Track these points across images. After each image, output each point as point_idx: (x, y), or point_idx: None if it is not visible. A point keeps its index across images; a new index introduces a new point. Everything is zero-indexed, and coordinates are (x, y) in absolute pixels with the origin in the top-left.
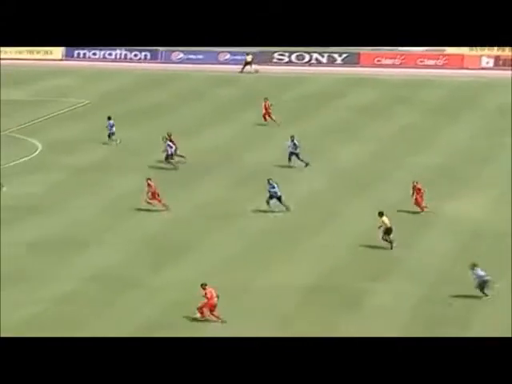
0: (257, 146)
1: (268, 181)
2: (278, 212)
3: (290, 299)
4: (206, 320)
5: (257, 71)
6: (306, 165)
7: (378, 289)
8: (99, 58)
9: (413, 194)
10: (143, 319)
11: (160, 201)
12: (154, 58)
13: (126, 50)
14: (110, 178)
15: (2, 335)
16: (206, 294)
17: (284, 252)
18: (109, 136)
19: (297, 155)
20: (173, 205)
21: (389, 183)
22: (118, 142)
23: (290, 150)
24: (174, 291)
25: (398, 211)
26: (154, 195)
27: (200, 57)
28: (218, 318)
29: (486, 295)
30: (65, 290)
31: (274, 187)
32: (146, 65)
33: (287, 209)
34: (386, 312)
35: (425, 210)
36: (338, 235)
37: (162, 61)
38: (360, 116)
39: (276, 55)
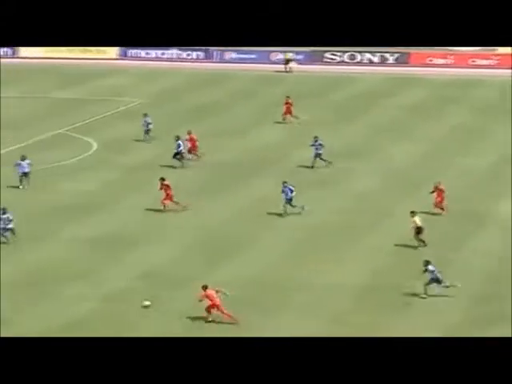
0: (307, 144)
1: (283, 184)
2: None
3: (342, 298)
4: (242, 320)
5: (291, 70)
6: (329, 163)
7: (428, 289)
8: (153, 57)
9: (434, 192)
10: (194, 318)
11: (172, 201)
12: (207, 57)
13: (179, 49)
14: (164, 175)
15: (54, 333)
16: (206, 296)
17: (336, 251)
18: (146, 132)
19: (319, 155)
20: (226, 203)
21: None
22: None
23: (316, 150)
24: (228, 288)
25: (450, 211)
26: (168, 197)
27: (252, 56)
28: (229, 316)
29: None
30: (116, 288)
31: (287, 190)
32: (199, 64)
33: (301, 210)
34: (436, 312)
35: (444, 211)
36: (390, 235)
37: (215, 60)
38: (411, 115)
39: (327, 55)
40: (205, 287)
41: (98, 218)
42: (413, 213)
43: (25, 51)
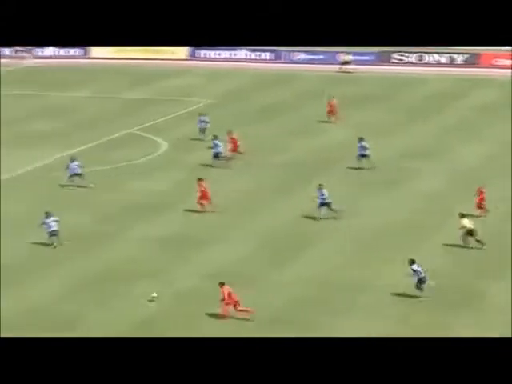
0: (374, 144)
1: (319, 187)
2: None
3: (407, 298)
4: (317, 319)
5: (348, 71)
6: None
7: (496, 288)
8: (222, 58)
9: (476, 195)
10: (262, 317)
11: (209, 202)
12: (275, 58)
13: (248, 50)
14: (229, 175)
15: (124, 333)
16: (222, 293)
17: (402, 251)
18: (201, 131)
19: (365, 156)
20: (291, 203)
21: (508, 183)
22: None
23: (361, 151)
24: (293, 288)
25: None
26: (204, 196)
27: (320, 57)
28: (246, 311)
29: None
30: (184, 286)
31: (323, 194)
32: (268, 65)
33: (337, 214)
34: (504, 311)
35: (484, 213)
36: (455, 235)
37: (284, 61)
38: (481, 116)
39: (395, 55)
40: (221, 284)
41: (168, 218)
42: (462, 215)
43: (96, 51)
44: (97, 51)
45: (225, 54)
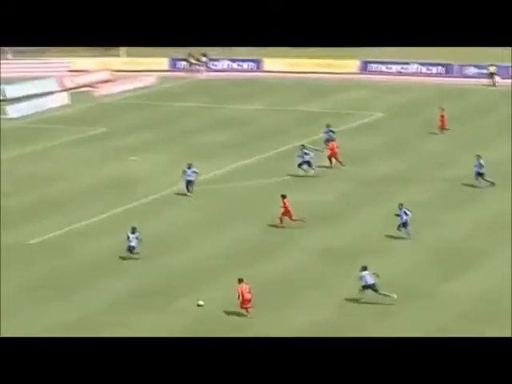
0: None
1: (399, 206)
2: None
3: None
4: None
5: (495, 84)
6: (491, 184)
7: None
8: (393, 71)
9: None
10: (429, 327)
11: (290, 218)
12: (446, 72)
13: (419, 64)
14: (396, 188)
15: (302, 333)
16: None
17: None
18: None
19: (482, 175)
20: (462, 215)
21: None
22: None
23: (477, 169)
24: (459, 301)
25: None
26: (286, 212)
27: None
28: (246, 310)
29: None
30: (348, 297)
31: (402, 213)
32: (440, 79)
33: (409, 236)
34: None
35: None
36: None
37: (455, 75)
38: None
39: None
40: (240, 280)
41: (333, 229)
42: None
43: (268, 65)
44: (269, 65)
45: (396, 67)
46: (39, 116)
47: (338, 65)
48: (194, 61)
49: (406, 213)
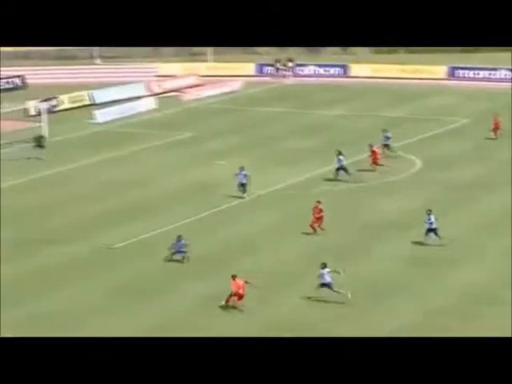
0: None
1: (427, 213)
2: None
3: None
4: None
5: None
6: None
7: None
8: (482, 77)
9: None
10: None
11: (319, 226)
12: None
13: (507, 70)
14: (481, 194)
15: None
16: (234, 285)
17: None
18: (385, 146)
19: None
20: None
21: None
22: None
23: None
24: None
25: None
26: (317, 219)
27: None
28: (237, 306)
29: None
30: (436, 304)
31: (429, 219)
32: None
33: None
34: None
35: None
36: None
37: None
38: None
39: None
40: (234, 276)
41: (420, 236)
42: None
43: (355, 70)
44: (356, 70)
45: (483, 73)
46: (127, 120)
47: (424, 70)
48: (280, 66)
49: (430, 220)
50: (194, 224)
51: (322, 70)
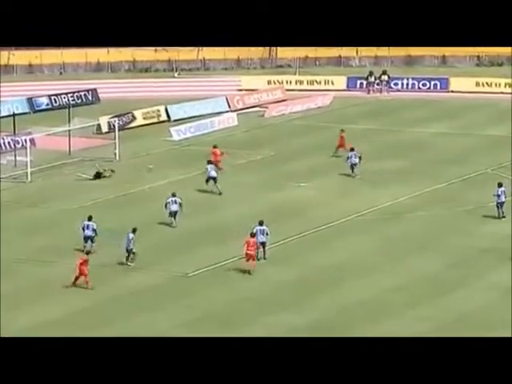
0: None
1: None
2: None
3: None
4: None
5: None
6: None
7: None
8: None
9: None
10: None
11: None
12: None
13: None
14: None
15: None
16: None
17: None
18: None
19: None
20: None
21: None
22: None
23: None
24: None
25: None
26: None
27: None
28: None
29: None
30: None
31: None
32: None
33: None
34: None
35: None
36: None
37: None
38: None
39: None
40: (252, 234)
41: None
42: None
43: (455, 84)
44: (456, 84)
45: None
46: (205, 138)
47: None
48: (374, 79)
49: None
50: (280, 249)
51: (419, 84)
